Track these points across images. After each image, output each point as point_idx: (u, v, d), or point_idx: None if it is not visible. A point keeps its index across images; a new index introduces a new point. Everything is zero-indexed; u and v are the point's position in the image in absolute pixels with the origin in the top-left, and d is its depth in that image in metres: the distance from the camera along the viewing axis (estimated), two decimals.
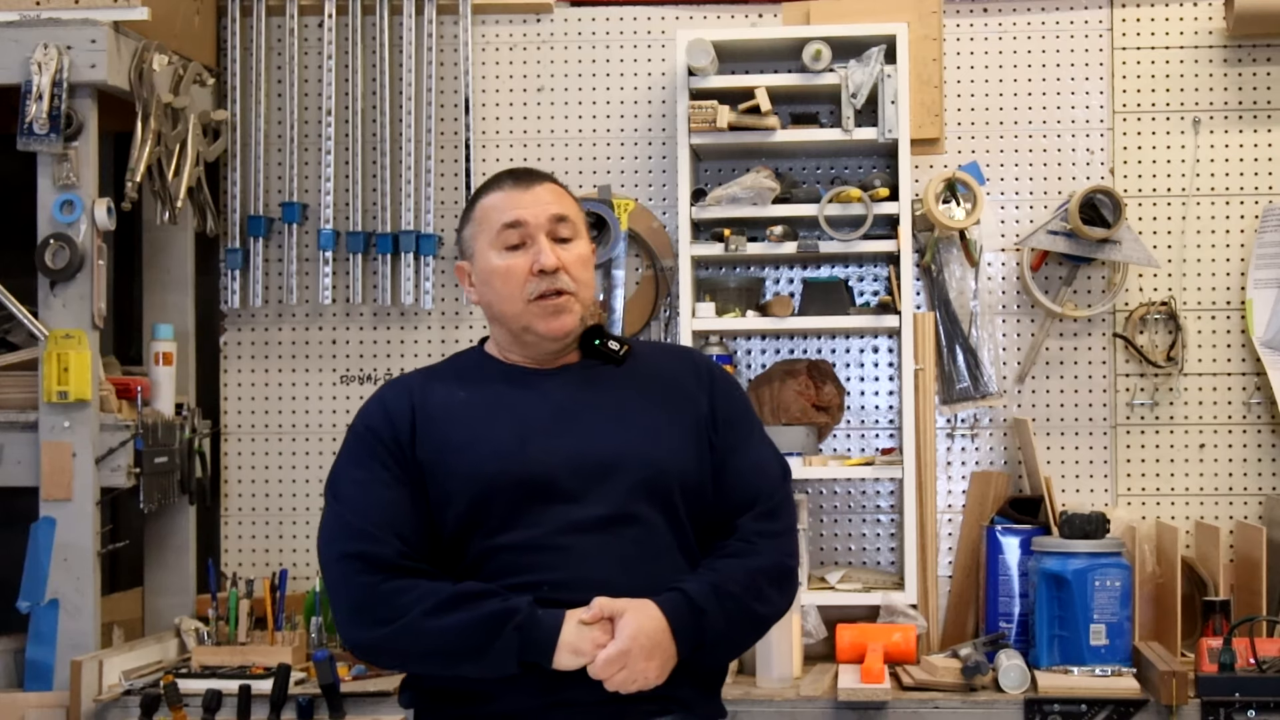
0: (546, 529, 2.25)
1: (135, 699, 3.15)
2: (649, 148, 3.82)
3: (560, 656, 2.17)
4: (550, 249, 2.33)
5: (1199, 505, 3.69)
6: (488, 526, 2.27)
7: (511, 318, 2.36)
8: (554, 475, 2.27)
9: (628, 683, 2.17)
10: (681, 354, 2.55)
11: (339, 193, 3.78)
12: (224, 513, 3.85)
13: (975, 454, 3.73)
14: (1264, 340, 3.62)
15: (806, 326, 3.62)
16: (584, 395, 2.36)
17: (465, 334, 3.81)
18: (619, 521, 2.26)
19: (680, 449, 2.33)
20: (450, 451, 2.30)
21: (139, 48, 3.38)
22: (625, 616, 2.17)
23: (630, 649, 2.16)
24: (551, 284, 2.32)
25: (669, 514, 2.30)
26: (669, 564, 2.28)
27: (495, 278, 2.36)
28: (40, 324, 3.30)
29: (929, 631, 3.54)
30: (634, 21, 3.84)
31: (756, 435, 2.42)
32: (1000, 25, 3.77)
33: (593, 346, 2.41)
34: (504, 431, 2.30)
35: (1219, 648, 3.06)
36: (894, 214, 3.52)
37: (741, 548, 2.30)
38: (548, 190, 2.39)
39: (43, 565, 3.27)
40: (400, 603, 2.21)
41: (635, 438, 2.31)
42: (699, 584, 2.23)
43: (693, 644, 2.21)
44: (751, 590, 2.26)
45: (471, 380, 2.39)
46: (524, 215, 2.34)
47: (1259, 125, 3.71)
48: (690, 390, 2.38)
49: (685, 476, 2.31)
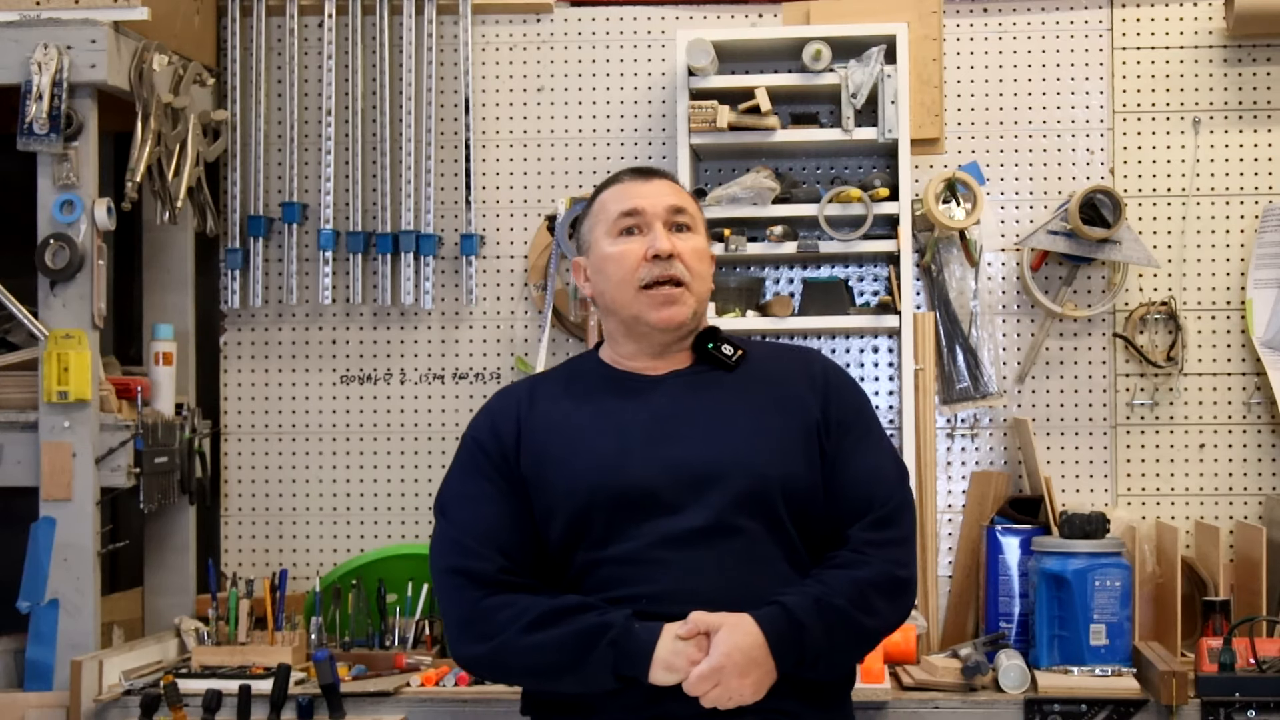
0: (645, 542, 2.23)
1: (135, 699, 3.15)
2: (649, 148, 3.82)
3: (655, 672, 2.15)
4: (665, 235, 2.31)
5: (1199, 505, 3.69)
6: (589, 540, 2.26)
7: (622, 305, 2.33)
8: (653, 487, 2.24)
9: (722, 699, 2.14)
10: (797, 355, 2.49)
11: (339, 193, 3.78)
12: (224, 513, 3.85)
13: (975, 454, 3.73)
14: (1264, 340, 3.62)
15: (806, 326, 3.62)
16: (689, 402, 2.32)
17: (465, 334, 3.81)
18: (719, 533, 2.23)
19: (786, 457, 2.28)
20: (551, 465, 2.29)
21: (139, 48, 3.38)
22: (721, 632, 2.14)
23: (724, 666, 2.13)
24: (665, 270, 2.30)
25: (772, 524, 2.26)
26: (772, 575, 2.24)
27: (609, 263, 2.34)
28: (40, 324, 3.30)
29: (929, 631, 3.54)
30: (634, 21, 3.84)
31: (872, 439, 2.36)
32: (1000, 25, 3.77)
33: (705, 350, 2.38)
34: (604, 444, 2.28)
35: (1219, 648, 3.06)
36: (894, 214, 3.52)
37: (850, 558, 2.25)
38: (668, 184, 2.39)
39: (43, 565, 3.27)
40: (499, 619, 2.21)
41: (737, 447, 2.27)
42: (800, 597, 2.19)
43: (793, 659, 2.17)
44: (858, 602, 2.21)
45: (578, 389, 2.38)
46: (641, 204, 2.34)
47: (1259, 125, 3.71)
48: (801, 394, 2.34)
49: (791, 485, 2.27)
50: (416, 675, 3.27)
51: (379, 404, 3.84)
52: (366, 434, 3.84)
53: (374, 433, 3.84)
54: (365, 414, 3.84)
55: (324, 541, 3.83)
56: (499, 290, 3.82)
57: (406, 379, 3.83)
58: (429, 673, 3.27)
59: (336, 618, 3.51)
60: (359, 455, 3.84)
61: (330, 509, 3.84)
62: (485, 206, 3.83)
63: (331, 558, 3.82)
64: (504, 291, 3.82)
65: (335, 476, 3.84)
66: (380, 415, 3.84)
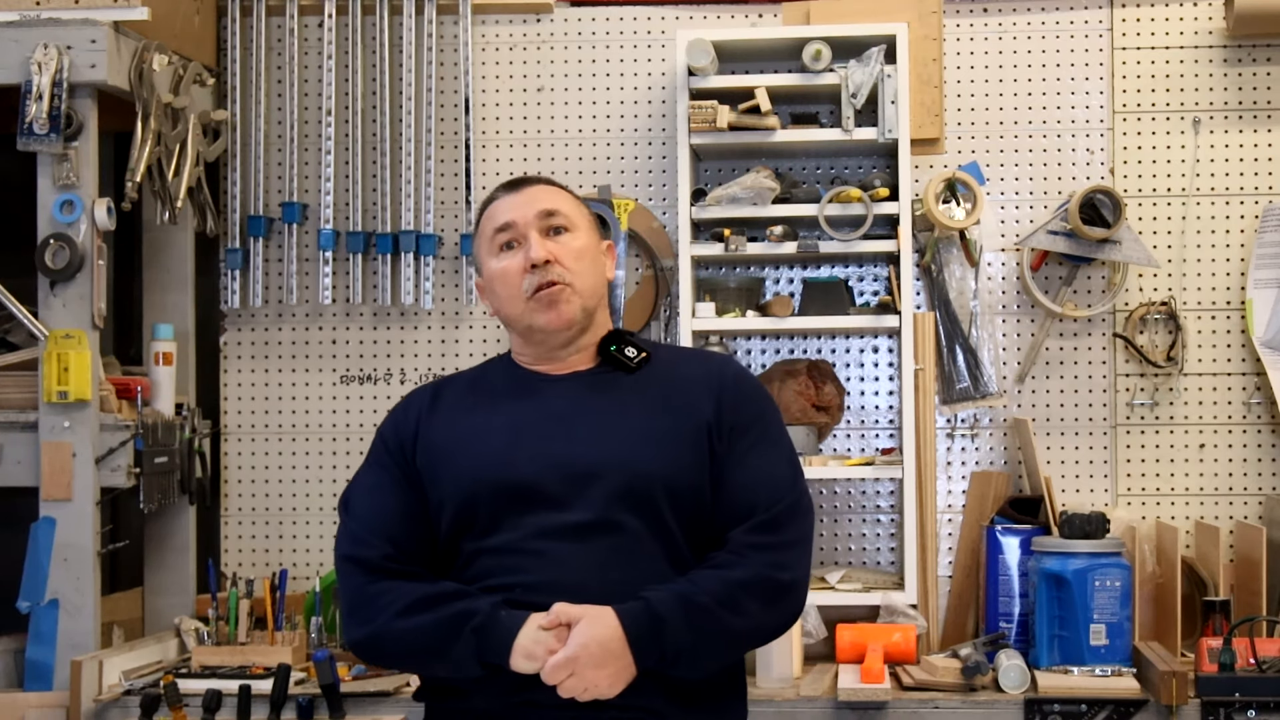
0: (525, 533, 2.26)
1: (135, 699, 3.15)
2: (649, 148, 3.82)
3: (515, 659, 2.17)
4: (539, 243, 2.34)
5: (1199, 505, 3.69)
6: (475, 530, 2.30)
7: (515, 318, 2.38)
8: (538, 481, 2.27)
9: (578, 690, 2.15)
10: (702, 360, 2.51)
11: (339, 193, 3.78)
12: (224, 513, 3.86)
13: (975, 454, 3.73)
14: (1264, 340, 3.62)
15: (806, 326, 3.62)
16: (585, 402, 2.35)
17: (465, 334, 3.81)
18: (598, 528, 2.25)
19: (671, 456, 2.29)
20: (443, 459, 2.34)
21: (139, 48, 3.38)
22: (580, 624, 2.16)
23: (579, 656, 2.14)
24: (544, 276, 2.33)
25: (654, 523, 2.26)
26: (649, 572, 2.24)
27: (495, 281, 2.38)
28: (40, 324, 3.30)
29: (929, 631, 3.54)
30: (634, 21, 3.84)
31: (768, 443, 2.35)
32: (1000, 25, 3.77)
33: (609, 353, 2.40)
34: (495, 440, 2.33)
35: (1219, 648, 3.06)
36: (894, 214, 3.52)
37: (726, 559, 2.24)
38: (538, 189, 2.40)
39: (43, 565, 3.27)
40: (379, 604, 2.27)
41: (623, 445, 2.29)
42: (664, 593, 2.19)
43: (653, 655, 2.17)
44: (726, 602, 2.20)
45: (481, 387, 2.43)
46: (511, 216, 2.37)
47: (1259, 125, 3.71)
48: (696, 397, 2.34)
49: (674, 484, 2.27)
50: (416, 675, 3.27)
51: (379, 404, 3.83)
52: (367, 434, 3.83)
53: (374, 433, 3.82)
54: (365, 414, 3.84)
55: (324, 541, 3.83)
56: None
57: (406, 379, 3.83)
58: None
59: (336, 618, 3.50)
60: (359, 455, 3.79)
61: (330, 509, 3.83)
62: None
63: (331, 558, 3.80)
64: None
65: (335, 476, 3.84)
66: (380, 415, 3.82)
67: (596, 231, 2.44)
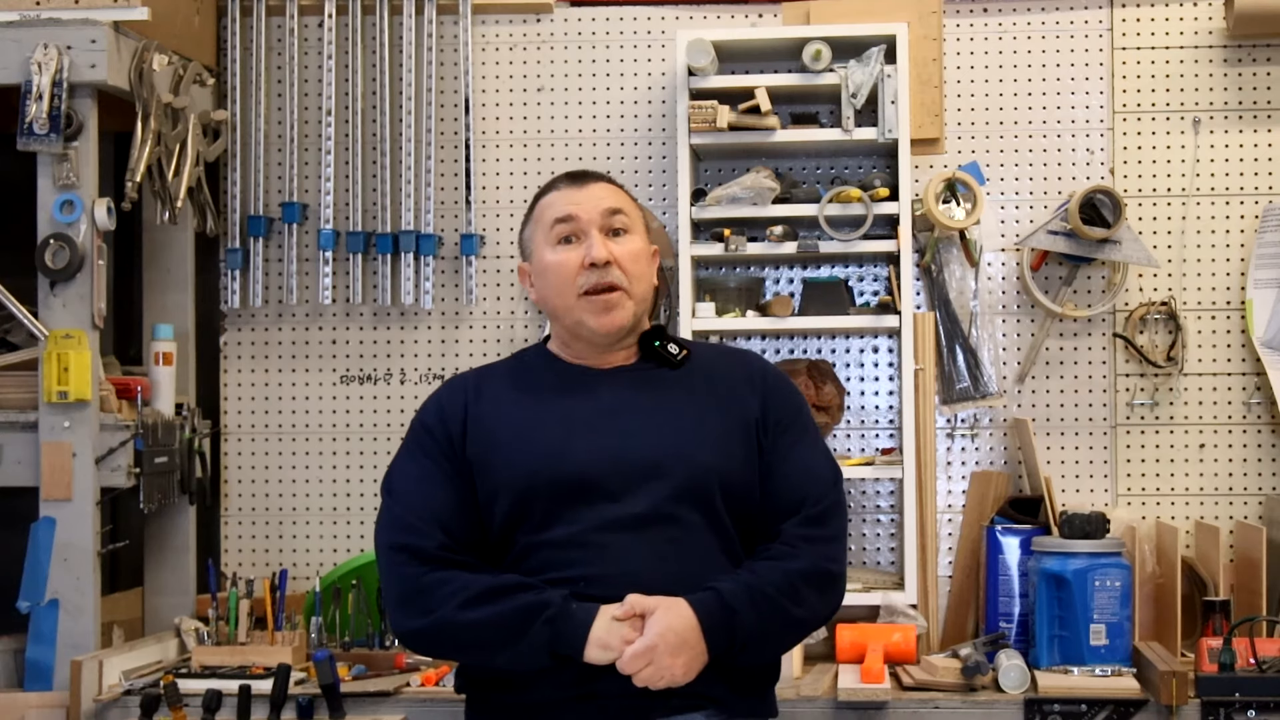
0: (585, 526, 2.29)
1: (135, 699, 3.15)
2: (649, 148, 3.82)
3: (589, 650, 2.21)
4: (601, 242, 2.37)
5: (1199, 505, 3.69)
6: (531, 523, 2.32)
7: (564, 311, 2.39)
8: (596, 475, 2.31)
9: (654, 678, 2.21)
10: (738, 357, 2.57)
11: (339, 193, 3.78)
12: (224, 513, 3.86)
13: (975, 454, 3.73)
14: (1264, 340, 3.62)
15: (806, 326, 3.62)
16: (635, 397, 2.39)
17: (465, 334, 3.81)
18: (657, 521, 2.29)
19: (726, 452, 2.35)
20: (496, 451, 2.35)
21: (139, 48, 3.38)
22: (655, 614, 2.21)
23: (657, 645, 2.19)
24: (602, 277, 2.36)
25: (710, 516, 2.33)
26: (708, 564, 2.30)
27: (549, 272, 2.40)
28: (40, 324, 3.30)
29: (929, 631, 3.54)
30: (634, 21, 3.84)
31: (808, 440, 2.44)
32: (1000, 25, 3.77)
33: (652, 348, 2.44)
34: (548, 432, 2.35)
35: (1219, 648, 3.06)
36: (894, 214, 3.52)
37: (782, 551, 2.32)
38: (602, 187, 2.43)
39: (43, 565, 3.27)
40: (440, 594, 2.27)
41: (679, 440, 2.34)
42: (733, 584, 2.26)
43: (724, 643, 2.24)
44: (788, 592, 2.28)
45: (526, 379, 2.45)
46: (576, 210, 2.39)
47: (1259, 125, 3.71)
48: (742, 393, 2.41)
49: (728, 479, 2.34)
50: (416, 675, 3.27)
51: (379, 404, 3.84)
52: (366, 434, 3.84)
53: (374, 433, 3.84)
54: (365, 414, 3.84)
55: (324, 541, 3.83)
56: (499, 290, 3.83)
57: (406, 379, 3.83)
58: (429, 673, 3.27)
59: (336, 618, 3.51)
60: (359, 455, 3.85)
61: (330, 509, 3.84)
62: (485, 206, 3.83)
63: (331, 558, 3.82)
64: (504, 291, 3.82)
65: (335, 476, 3.84)
66: (380, 415, 3.84)
67: (648, 235, 2.47)
